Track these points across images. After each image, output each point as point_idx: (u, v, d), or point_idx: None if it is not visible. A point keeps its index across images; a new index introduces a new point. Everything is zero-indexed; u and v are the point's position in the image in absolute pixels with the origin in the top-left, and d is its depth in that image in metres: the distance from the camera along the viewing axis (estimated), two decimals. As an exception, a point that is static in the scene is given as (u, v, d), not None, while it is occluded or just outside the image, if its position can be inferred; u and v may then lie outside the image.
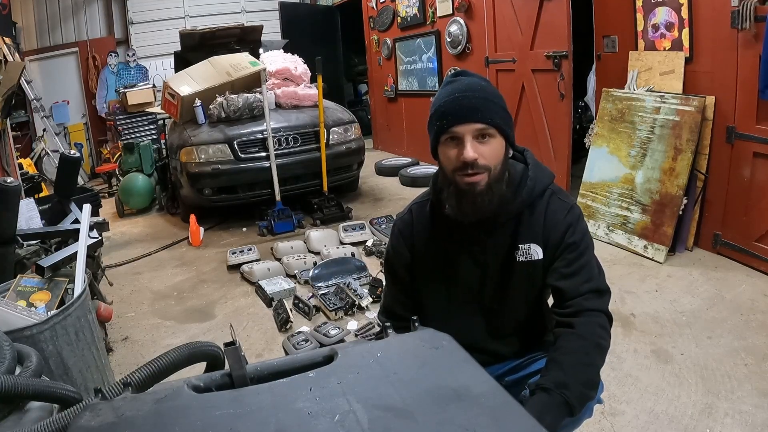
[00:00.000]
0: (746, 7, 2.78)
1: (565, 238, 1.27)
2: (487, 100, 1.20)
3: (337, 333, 2.64)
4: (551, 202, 1.30)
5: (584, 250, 1.28)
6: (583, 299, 1.24)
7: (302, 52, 5.53)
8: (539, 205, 1.30)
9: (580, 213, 1.32)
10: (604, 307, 1.26)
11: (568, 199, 1.33)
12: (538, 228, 1.29)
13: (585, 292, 1.24)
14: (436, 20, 5.69)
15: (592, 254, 1.30)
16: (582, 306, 1.23)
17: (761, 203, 2.95)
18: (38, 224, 2.69)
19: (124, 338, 2.86)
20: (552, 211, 1.29)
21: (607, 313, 1.26)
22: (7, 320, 1.72)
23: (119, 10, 8.22)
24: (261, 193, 4.53)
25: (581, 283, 1.25)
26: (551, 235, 1.28)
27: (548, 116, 4.28)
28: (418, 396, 0.71)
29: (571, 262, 1.26)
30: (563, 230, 1.28)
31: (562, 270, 1.27)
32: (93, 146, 8.19)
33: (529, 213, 1.30)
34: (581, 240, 1.28)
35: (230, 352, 0.79)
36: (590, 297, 1.24)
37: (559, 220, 1.28)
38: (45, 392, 0.93)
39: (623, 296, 2.85)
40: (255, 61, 4.86)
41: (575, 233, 1.28)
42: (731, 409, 1.93)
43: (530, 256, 1.29)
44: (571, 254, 1.27)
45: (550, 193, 1.31)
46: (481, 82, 1.26)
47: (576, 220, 1.29)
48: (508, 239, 1.31)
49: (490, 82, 1.29)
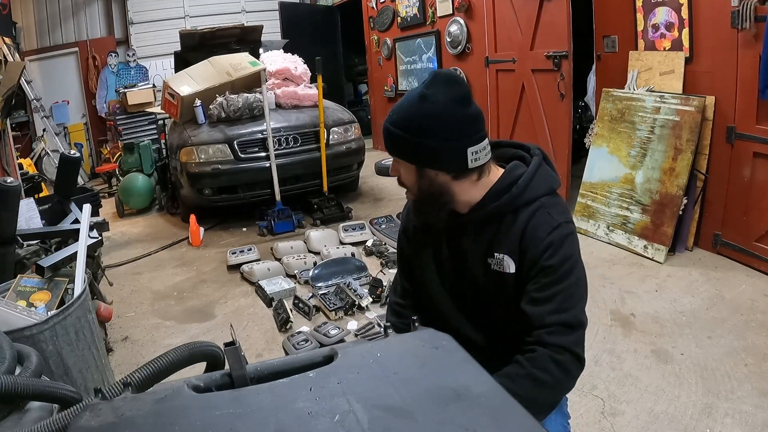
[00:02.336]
0: (746, 7, 2.78)
1: (541, 259, 1.16)
2: (390, 133, 1.21)
3: (337, 333, 2.64)
4: (537, 216, 1.19)
5: (563, 276, 1.16)
6: (547, 332, 1.14)
7: (302, 52, 5.53)
8: (523, 215, 1.20)
9: (569, 234, 1.19)
10: (569, 343, 1.14)
11: (558, 216, 1.19)
12: (515, 240, 1.20)
13: (551, 324, 1.14)
14: (436, 20, 5.69)
15: (573, 281, 1.17)
16: (543, 340, 1.14)
17: (761, 203, 2.95)
18: (38, 224, 2.69)
19: (124, 338, 2.86)
20: (533, 226, 1.18)
21: (572, 351, 1.14)
22: (7, 320, 1.72)
23: (119, 10, 8.22)
24: (261, 193, 4.53)
25: (549, 313, 1.14)
26: (528, 252, 1.18)
27: (548, 116, 4.28)
28: (418, 396, 0.71)
29: (544, 287, 1.16)
30: (541, 250, 1.16)
31: (533, 294, 1.17)
32: (93, 146, 8.19)
33: (511, 220, 1.21)
34: (561, 264, 1.16)
35: (230, 352, 0.79)
36: (556, 330, 1.14)
37: (539, 238, 1.17)
38: (45, 392, 0.93)
39: (623, 296, 2.85)
40: (255, 61, 4.86)
41: (555, 256, 1.16)
42: (731, 409, 1.93)
43: (502, 267, 1.22)
44: (546, 278, 1.16)
45: (539, 205, 1.20)
46: (405, 103, 1.20)
47: (560, 240, 1.17)
48: (485, 243, 1.25)
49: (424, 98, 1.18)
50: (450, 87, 1.17)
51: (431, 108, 1.16)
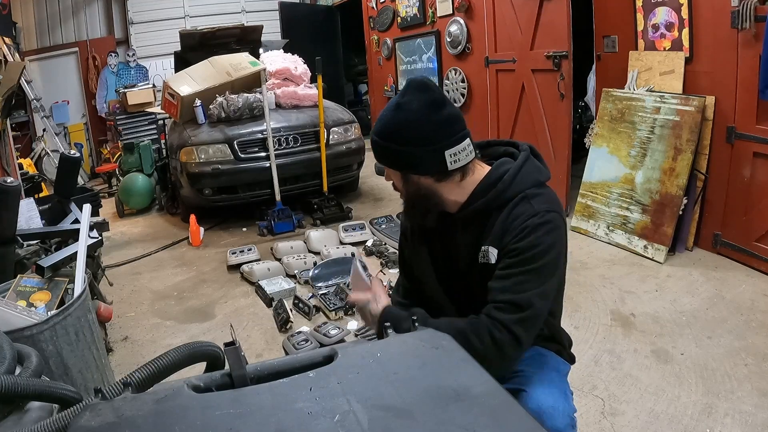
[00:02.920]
0: (746, 7, 2.78)
1: (511, 242, 1.19)
2: (375, 142, 1.29)
3: (337, 333, 2.64)
4: (519, 206, 1.22)
5: (527, 260, 1.17)
6: (495, 307, 1.17)
7: (302, 52, 5.53)
8: (507, 207, 1.24)
9: (546, 222, 1.19)
10: (510, 322, 1.15)
11: (539, 206, 1.21)
12: (498, 230, 1.23)
13: (500, 301, 1.17)
14: (436, 20, 5.69)
15: (537, 267, 1.17)
16: (489, 312, 1.17)
17: (761, 203, 2.95)
18: (38, 224, 2.69)
19: (124, 338, 2.86)
20: (514, 214, 1.22)
21: (511, 330, 1.14)
22: (7, 320, 1.72)
23: (119, 10, 8.22)
24: (261, 193, 4.53)
25: (502, 290, 1.17)
26: (504, 238, 1.22)
27: (548, 116, 4.28)
28: (418, 396, 0.71)
29: (506, 266, 1.19)
30: (514, 235, 1.19)
31: (497, 272, 1.21)
32: (93, 146, 8.20)
33: (497, 215, 1.25)
34: (528, 248, 1.17)
35: (230, 352, 0.79)
36: (503, 307, 1.16)
37: (516, 225, 1.20)
38: (45, 392, 0.93)
39: (623, 296, 2.85)
40: (255, 61, 4.86)
41: (523, 240, 1.18)
42: (731, 409, 1.93)
43: (488, 258, 1.25)
44: (511, 259, 1.19)
45: (523, 196, 1.23)
46: (384, 114, 1.26)
47: (534, 227, 1.18)
48: (474, 239, 1.29)
49: (399, 107, 1.23)
50: (422, 93, 1.22)
51: (405, 116, 1.22)
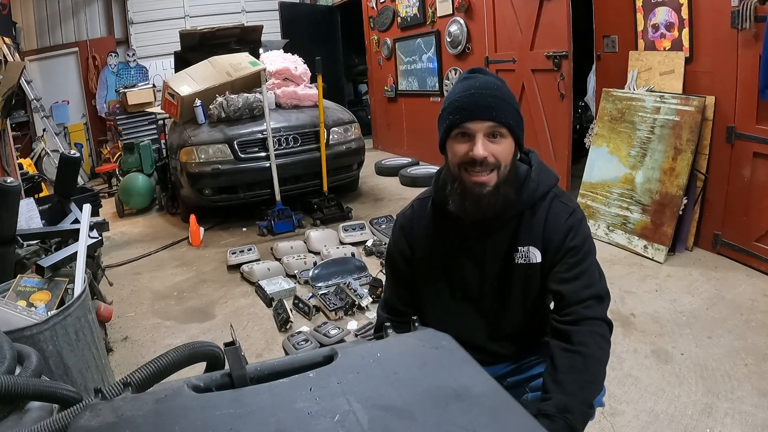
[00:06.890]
0: (746, 7, 2.78)
1: (565, 241, 1.26)
2: (502, 99, 1.20)
3: (337, 333, 2.64)
4: (553, 205, 1.28)
5: (585, 255, 1.26)
6: (583, 307, 1.22)
7: (302, 52, 5.53)
8: (541, 207, 1.28)
9: (583, 217, 1.30)
10: (603, 314, 1.24)
11: (570, 203, 1.31)
12: (538, 231, 1.28)
13: (585, 299, 1.22)
14: (436, 20, 5.69)
15: (593, 259, 1.28)
16: (581, 314, 1.21)
17: (761, 203, 2.95)
18: (38, 224, 2.69)
19: (124, 338, 2.86)
20: (554, 214, 1.27)
21: (607, 321, 1.24)
22: (7, 320, 1.72)
23: (119, 10, 8.22)
24: (261, 193, 4.53)
25: (582, 289, 1.23)
26: (552, 239, 1.27)
27: (548, 116, 4.28)
28: (418, 396, 0.71)
29: (571, 266, 1.25)
30: (564, 234, 1.26)
31: (562, 274, 1.25)
32: (93, 146, 8.19)
33: (530, 215, 1.29)
34: (582, 244, 1.26)
35: (230, 352, 0.79)
36: (591, 304, 1.22)
37: (560, 224, 1.27)
38: (45, 392, 0.93)
39: (623, 296, 2.85)
40: (255, 61, 4.86)
41: (576, 237, 1.26)
42: (731, 409, 1.93)
43: (529, 258, 1.28)
44: (572, 258, 1.25)
45: (553, 195, 1.30)
46: (497, 81, 1.25)
47: (578, 223, 1.27)
48: (507, 240, 1.30)
49: (505, 83, 1.27)
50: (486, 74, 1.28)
51: (495, 80, 1.25)
